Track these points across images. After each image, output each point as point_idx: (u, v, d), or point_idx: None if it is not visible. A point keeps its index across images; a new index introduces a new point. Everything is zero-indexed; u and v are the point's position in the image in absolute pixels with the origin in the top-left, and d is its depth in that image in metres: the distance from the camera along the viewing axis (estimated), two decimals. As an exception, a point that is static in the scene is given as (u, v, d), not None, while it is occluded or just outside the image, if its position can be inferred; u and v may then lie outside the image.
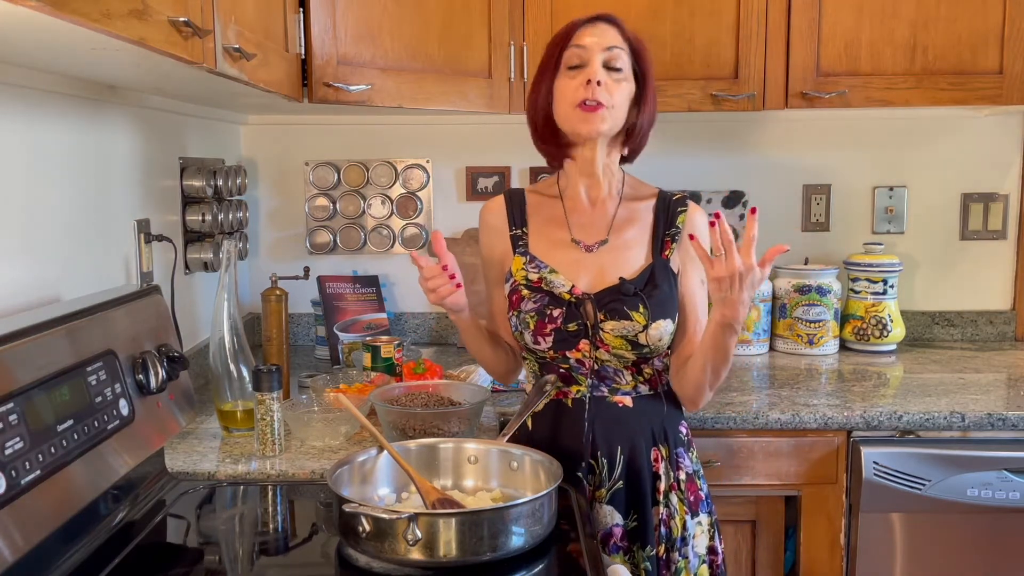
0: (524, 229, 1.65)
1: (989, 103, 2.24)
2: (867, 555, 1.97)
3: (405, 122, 2.60)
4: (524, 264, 1.61)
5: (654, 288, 1.56)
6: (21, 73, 1.39)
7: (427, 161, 2.64)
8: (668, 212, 1.63)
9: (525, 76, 2.22)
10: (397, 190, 2.65)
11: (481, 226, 1.71)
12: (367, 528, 1.17)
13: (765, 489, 1.98)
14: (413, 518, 1.14)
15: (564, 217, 1.64)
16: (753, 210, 1.37)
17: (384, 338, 2.09)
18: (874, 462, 1.93)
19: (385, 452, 1.38)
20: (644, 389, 1.60)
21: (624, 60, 1.55)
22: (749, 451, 1.95)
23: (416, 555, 1.16)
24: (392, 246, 2.66)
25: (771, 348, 2.57)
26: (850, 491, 1.97)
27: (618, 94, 1.54)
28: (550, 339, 1.56)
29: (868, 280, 2.53)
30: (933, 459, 1.92)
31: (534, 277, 1.59)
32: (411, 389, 1.77)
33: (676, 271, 1.61)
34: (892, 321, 2.52)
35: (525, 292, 1.59)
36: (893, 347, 2.55)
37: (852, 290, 2.57)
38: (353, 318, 2.48)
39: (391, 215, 2.66)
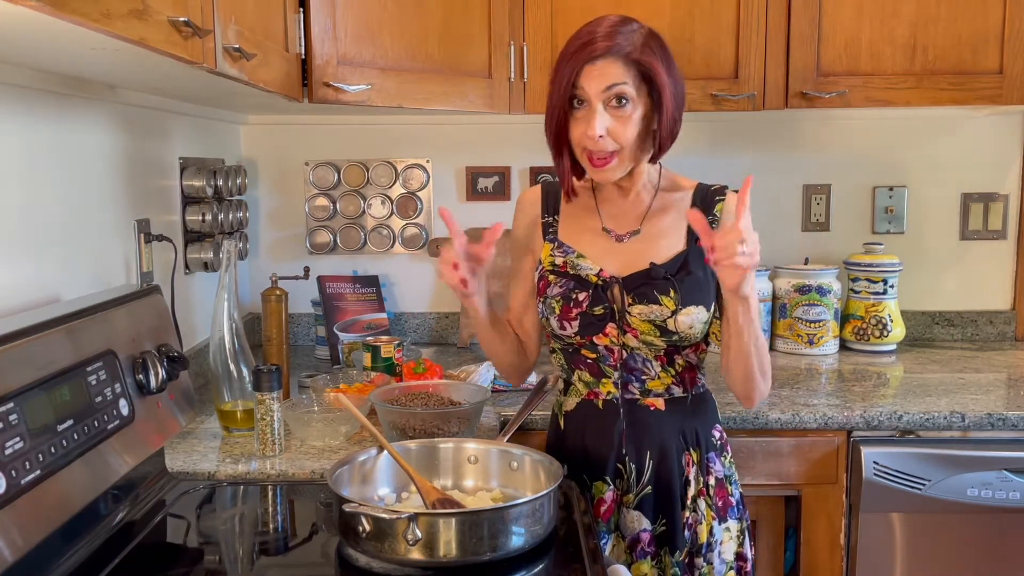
0: (556, 217, 1.63)
1: (989, 103, 2.24)
2: (867, 555, 1.97)
3: (405, 122, 2.60)
4: (552, 250, 1.60)
5: (687, 274, 1.51)
6: (21, 73, 1.39)
7: (427, 161, 2.64)
8: (705, 201, 1.58)
9: (525, 76, 2.22)
10: (397, 190, 2.65)
11: (517, 214, 1.69)
12: (367, 528, 1.17)
13: (765, 489, 1.98)
14: (413, 518, 1.14)
15: (596, 207, 1.62)
16: (749, 178, 1.37)
17: (384, 338, 2.09)
18: (874, 462, 1.93)
19: (385, 452, 1.38)
20: (677, 391, 1.56)
21: (629, 90, 1.46)
22: (749, 451, 1.95)
23: (416, 555, 1.16)
24: (392, 246, 2.66)
25: (771, 348, 2.56)
26: (850, 491, 1.97)
27: (627, 131, 1.47)
28: (576, 323, 1.54)
29: (868, 280, 2.53)
30: (933, 459, 1.92)
31: (560, 261, 1.57)
32: (411, 389, 1.77)
33: None
34: (892, 321, 2.52)
35: (551, 277, 1.57)
36: (893, 347, 2.55)
37: (852, 290, 2.57)
38: (353, 318, 2.48)
39: (391, 215, 2.66)
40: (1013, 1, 2.20)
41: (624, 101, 1.47)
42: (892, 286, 2.53)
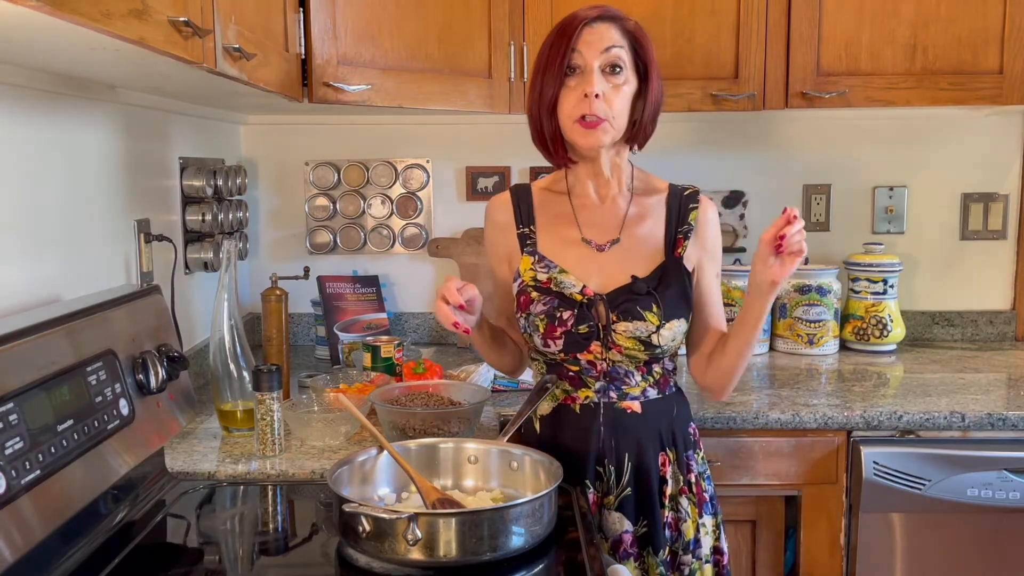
0: (532, 227, 1.62)
1: (989, 103, 2.24)
2: (867, 555, 1.97)
3: (405, 122, 2.60)
4: (533, 264, 1.59)
5: (666, 288, 1.53)
6: (21, 73, 1.39)
7: (427, 161, 2.64)
8: (680, 208, 1.61)
9: (525, 76, 2.22)
10: (397, 190, 2.65)
11: (487, 223, 1.68)
12: (367, 528, 1.17)
13: (765, 489, 1.98)
14: (413, 518, 1.14)
15: (573, 215, 1.61)
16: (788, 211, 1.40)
17: (384, 338, 2.09)
18: (874, 462, 1.93)
19: (385, 452, 1.38)
20: (653, 393, 1.58)
21: (624, 57, 1.50)
22: (749, 451, 1.95)
23: (416, 555, 1.16)
24: (392, 246, 2.66)
25: (771, 348, 2.56)
26: (850, 491, 1.97)
27: (618, 101, 1.50)
28: (560, 342, 1.53)
29: (868, 280, 2.53)
30: (933, 459, 1.92)
31: (543, 277, 1.57)
32: (411, 389, 1.77)
33: (690, 269, 1.58)
34: (892, 321, 2.52)
35: (534, 294, 1.56)
36: (893, 347, 2.55)
37: (852, 290, 2.57)
38: (353, 318, 2.48)
39: (391, 215, 2.66)
40: (1013, 1, 2.20)
41: (619, 69, 1.51)
42: (892, 286, 2.53)
